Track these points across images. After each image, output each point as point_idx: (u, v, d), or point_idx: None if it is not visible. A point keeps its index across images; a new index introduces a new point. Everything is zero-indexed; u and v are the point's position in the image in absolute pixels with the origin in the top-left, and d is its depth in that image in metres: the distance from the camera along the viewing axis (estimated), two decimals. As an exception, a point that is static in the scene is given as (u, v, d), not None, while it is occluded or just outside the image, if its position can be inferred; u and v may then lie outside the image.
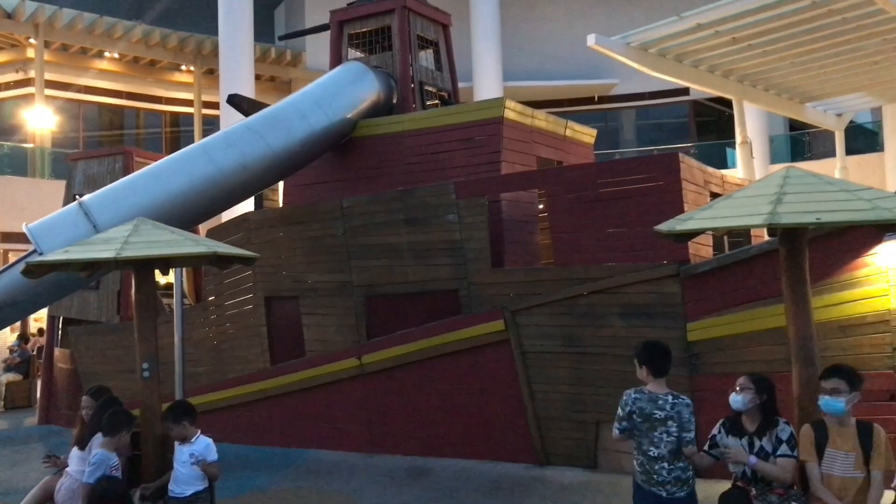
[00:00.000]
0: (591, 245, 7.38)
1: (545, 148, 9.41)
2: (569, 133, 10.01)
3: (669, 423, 4.37)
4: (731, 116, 24.47)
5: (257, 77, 23.70)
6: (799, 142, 26.64)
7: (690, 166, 7.34)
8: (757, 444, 4.45)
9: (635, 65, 14.13)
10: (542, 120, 9.41)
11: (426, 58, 10.56)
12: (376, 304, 8.58)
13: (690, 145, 27.39)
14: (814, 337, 4.54)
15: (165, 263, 5.33)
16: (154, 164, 8.40)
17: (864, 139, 26.06)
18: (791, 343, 4.56)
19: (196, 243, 4.91)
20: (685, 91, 26.01)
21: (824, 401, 4.19)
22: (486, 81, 25.96)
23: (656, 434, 4.38)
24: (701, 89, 17.15)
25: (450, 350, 8.08)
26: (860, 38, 13.74)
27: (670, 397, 4.48)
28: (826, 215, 3.85)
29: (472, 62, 26.29)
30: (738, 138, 17.71)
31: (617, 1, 28.47)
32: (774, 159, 25.14)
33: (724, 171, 9.88)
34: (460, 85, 27.71)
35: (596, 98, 29.56)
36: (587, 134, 10.53)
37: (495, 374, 7.90)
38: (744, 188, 4.53)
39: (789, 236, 4.45)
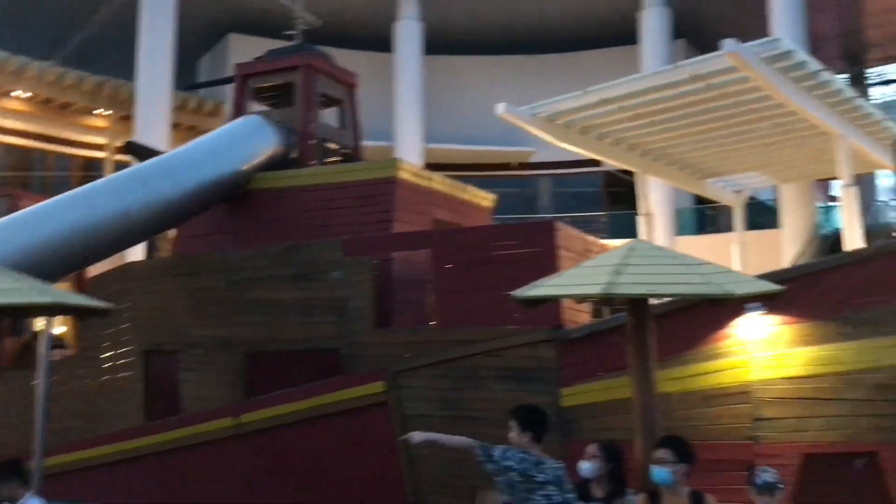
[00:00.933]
0: (472, 307, 7.41)
1: (443, 210, 9.51)
2: (467, 197, 10.16)
3: (549, 487, 4.40)
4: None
5: (176, 125, 23.37)
6: (704, 215, 27.75)
7: (569, 234, 7.52)
8: None
9: (543, 135, 14.53)
10: (439, 182, 9.53)
11: (330, 115, 10.62)
12: (257, 362, 8.36)
13: (602, 213, 28.24)
14: (655, 407, 4.62)
15: (12, 313, 5.05)
16: (30, 207, 8.09)
17: (766, 215, 27.33)
18: (635, 413, 4.63)
19: (40, 293, 4.69)
20: (598, 162, 26.89)
21: (653, 470, 4.26)
22: (407, 142, 26.35)
23: (535, 497, 4.38)
24: (606, 161, 17.76)
25: (330, 411, 7.90)
26: (752, 121, 14.51)
27: (550, 461, 4.53)
28: (660, 287, 3.96)
29: (394, 123, 26.69)
30: (642, 210, 18.30)
31: (540, 71, 29.51)
32: (680, 231, 26.08)
33: (620, 240, 10.16)
34: (382, 144, 28.01)
35: (514, 165, 30.27)
36: (486, 198, 10.71)
37: (375, 436, 7.75)
38: (592, 259, 4.65)
39: (634, 308, 4.56)
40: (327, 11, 27.41)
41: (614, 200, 30.53)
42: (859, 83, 33.07)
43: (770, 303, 6.65)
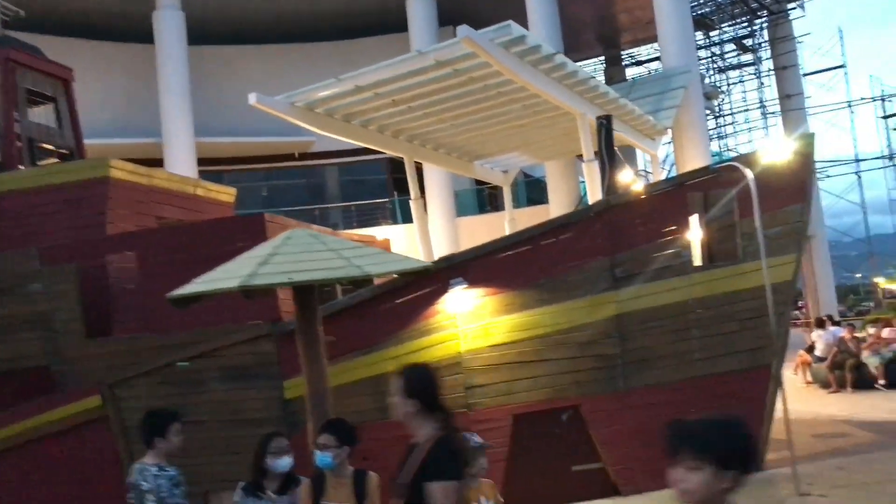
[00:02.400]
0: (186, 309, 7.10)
1: (170, 208, 9.05)
2: (202, 192, 9.75)
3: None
4: (426, 173, 25.98)
5: None
6: (483, 195, 28.87)
7: (285, 227, 7.43)
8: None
9: (303, 124, 14.31)
10: (164, 179, 9.06)
11: (43, 114, 9.74)
12: (-45, 389, 7.52)
13: (386, 200, 28.57)
14: (326, 394, 4.65)
15: None
16: None
17: (538, 191, 28.85)
18: (307, 399, 4.63)
19: None
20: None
21: (316, 455, 4.26)
22: (176, 138, 25.02)
23: None
24: (374, 148, 17.88)
25: (47, 432, 7.28)
26: (504, 104, 15.18)
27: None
28: (301, 274, 3.95)
29: (162, 118, 25.25)
30: (412, 194, 18.61)
31: (314, 59, 29.12)
32: (461, 212, 26.95)
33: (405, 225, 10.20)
34: (149, 140, 26.28)
35: (297, 155, 29.76)
36: (225, 193, 10.35)
37: (98, 454, 7.25)
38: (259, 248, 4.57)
39: (301, 297, 4.54)
40: (84, 2, 25.51)
41: (399, 187, 30.99)
42: (616, 65, 35.87)
43: (473, 276, 6.99)
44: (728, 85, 33.85)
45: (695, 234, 7.44)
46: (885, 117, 33.87)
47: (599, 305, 7.21)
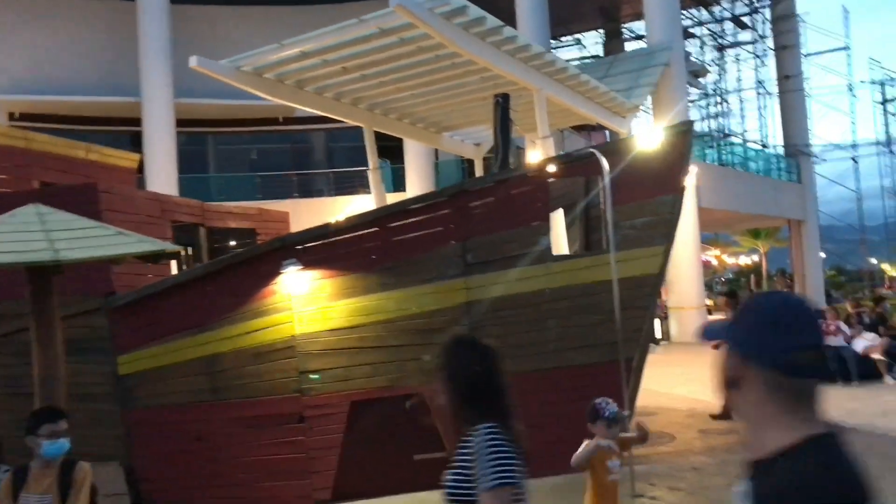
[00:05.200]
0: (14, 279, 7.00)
1: (56, 173, 8.90)
2: (95, 157, 9.58)
3: None
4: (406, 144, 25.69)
5: None
6: (464, 167, 28.53)
7: (127, 197, 7.27)
8: None
9: (249, 89, 14.07)
10: (45, 143, 8.90)
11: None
12: None
13: (365, 168, 28.24)
14: (57, 377, 4.50)
15: None
16: None
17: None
18: (36, 384, 4.48)
19: None
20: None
21: (48, 443, 4.08)
22: (155, 98, 24.93)
23: None
24: (329, 116, 17.60)
25: None
26: (461, 76, 14.81)
27: None
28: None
29: (141, 78, 25.13)
30: (370, 164, 18.33)
31: (301, 22, 28.70)
32: (442, 183, 26.68)
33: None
34: (128, 99, 26.17)
35: (281, 119, 29.53)
36: (126, 158, 10.18)
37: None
38: None
39: (33, 278, 4.38)
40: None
41: (384, 154, 30.69)
42: (615, 38, 35.04)
43: (311, 257, 6.79)
44: (723, 63, 32.95)
45: (557, 221, 7.18)
46: (883, 102, 32.91)
47: (448, 292, 6.98)
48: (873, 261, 56.86)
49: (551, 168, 7.20)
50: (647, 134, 7.30)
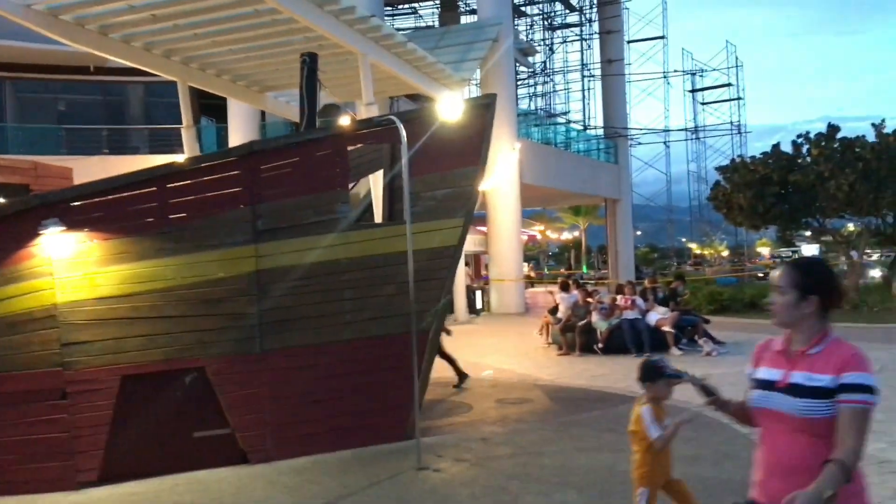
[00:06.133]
0: None
1: None
2: None
3: None
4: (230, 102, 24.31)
5: None
6: (293, 128, 27.65)
7: None
8: None
9: (44, 31, 12.59)
10: None
11: None
12: None
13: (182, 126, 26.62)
14: None
15: None
16: None
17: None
18: None
19: None
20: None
21: None
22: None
23: None
24: (137, 67, 16.26)
25: None
26: (283, 34, 14.07)
27: None
28: None
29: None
30: (183, 122, 17.20)
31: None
32: (268, 146, 25.63)
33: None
34: None
35: (92, 69, 27.10)
36: None
37: None
38: None
39: None
40: None
41: (206, 112, 29.07)
42: (451, 10, 35.19)
43: (76, 218, 6.12)
44: (551, 44, 34.13)
45: (359, 189, 6.94)
46: (693, 91, 35.51)
47: (235, 260, 6.55)
48: (683, 240, 61.74)
49: (347, 133, 6.93)
50: (449, 105, 7.20)
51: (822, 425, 2.32)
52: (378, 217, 9.09)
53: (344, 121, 9.05)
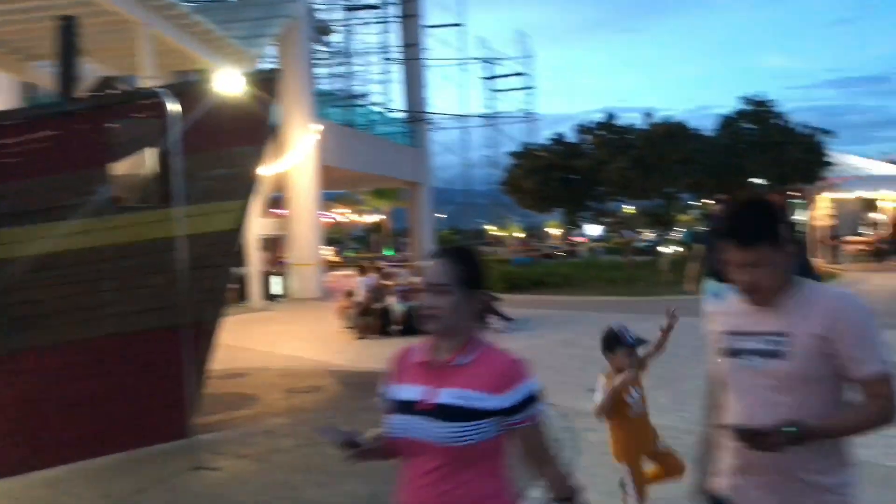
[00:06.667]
0: None
1: None
2: None
3: None
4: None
5: None
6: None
7: None
8: None
9: None
10: None
11: None
12: None
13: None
14: None
15: None
16: None
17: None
18: None
19: None
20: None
21: None
22: None
23: None
24: None
25: None
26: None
27: None
28: None
29: None
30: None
31: None
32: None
33: None
34: None
35: None
36: None
37: None
38: None
39: None
40: None
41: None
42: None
43: None
44: (351, 24, 33.84)
45: (117, 168, 6.30)
46: (488, 78, 36.86)
47: (-32, 248, 5.71)
48: (482, 222, 64.18)
49: (104, 105, 6.26)
50: (227, 78, 6.73)
51: (478, 451, 1.91)
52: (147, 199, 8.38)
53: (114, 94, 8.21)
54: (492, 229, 61.52)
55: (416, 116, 32.66)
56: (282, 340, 13.21)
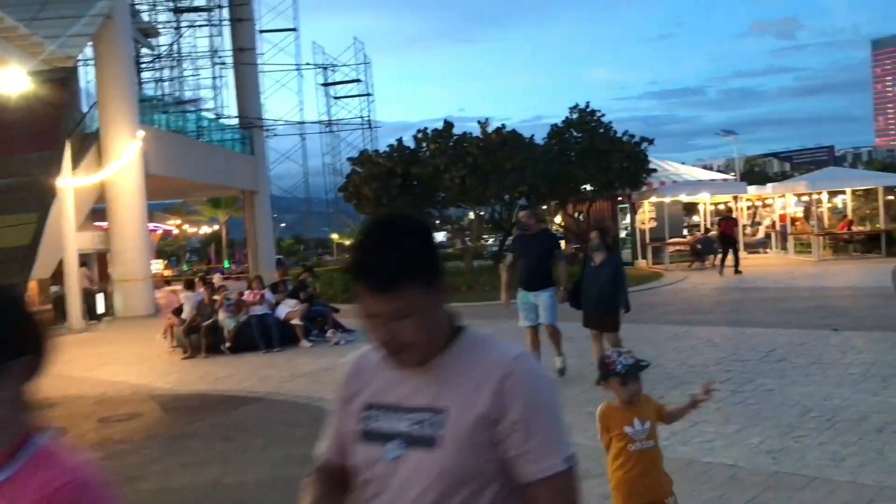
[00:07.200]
0: None
1: None
2: None
3: None
4: None
5: None
6: None
7: None
8: None
9: None
10: None
11: None
12: None
13: None
14: None
15: None
16: None
17: None
18: None
19: None
20: None
21: None
22: None
23: None
24: None
25: None
26: None
27: None
28: None
29: None
30: None
31: None
32: None
33: None
34: None
35: None
36: None
37: None
38: None
39: None
40: None
41: None
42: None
43: None
44: (178, 27, 32.21)
45: None
46: (325, 85, 36.37)
47: None
48: (326, 230, 63.18)
49: None
50: (11, 78, 6.01)
51: None
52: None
53: None
54: (336, 238, 60.82)
55: (251, 123, 31.56)
56: (101, 364, 12.16)
